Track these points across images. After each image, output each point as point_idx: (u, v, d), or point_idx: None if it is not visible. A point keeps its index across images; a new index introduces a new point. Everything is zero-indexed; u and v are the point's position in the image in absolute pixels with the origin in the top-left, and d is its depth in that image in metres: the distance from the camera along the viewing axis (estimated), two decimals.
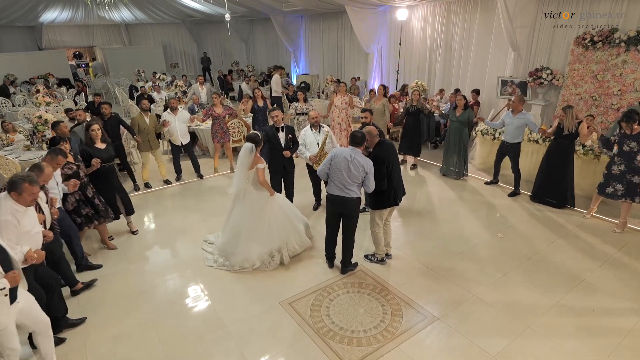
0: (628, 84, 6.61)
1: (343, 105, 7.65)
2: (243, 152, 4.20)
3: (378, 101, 7.73)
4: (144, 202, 6.22)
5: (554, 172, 5.61)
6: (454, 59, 9.59)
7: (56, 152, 3.77)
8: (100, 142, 4.74)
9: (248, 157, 4.19)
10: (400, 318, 3.61)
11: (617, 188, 4.91)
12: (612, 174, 4.93)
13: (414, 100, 7.03)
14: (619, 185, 4.89)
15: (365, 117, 5.21)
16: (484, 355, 3.17)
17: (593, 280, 4.09)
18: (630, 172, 4.80)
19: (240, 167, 4.25)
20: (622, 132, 4.82)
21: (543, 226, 5.23)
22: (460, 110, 6.50)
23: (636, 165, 4.73)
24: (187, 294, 4.02)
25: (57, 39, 17.45)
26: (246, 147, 4.20)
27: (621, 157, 4.83)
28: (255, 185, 4.33)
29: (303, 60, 14.89)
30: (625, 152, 4.77)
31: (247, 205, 4.34)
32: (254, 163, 4.21)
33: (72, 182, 4.03)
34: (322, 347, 3.29)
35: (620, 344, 3.25)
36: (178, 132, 6.54)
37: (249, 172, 4.27)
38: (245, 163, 4.21)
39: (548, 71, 7.43)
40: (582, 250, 4.65)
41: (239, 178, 4.31)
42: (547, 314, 3.61)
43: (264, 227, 4.31)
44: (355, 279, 4.19)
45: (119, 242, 4.99)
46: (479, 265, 4.39)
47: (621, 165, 4.85)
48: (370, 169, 3.79)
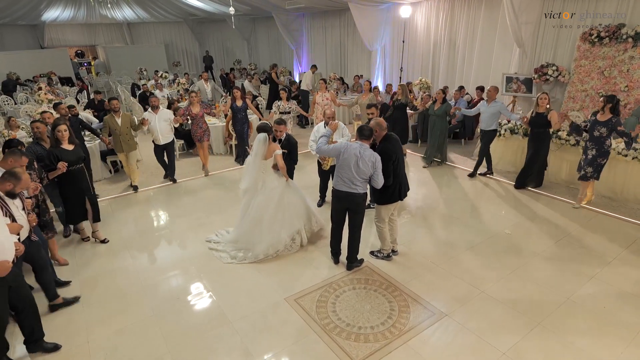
0: (635, 80, 6.53)
1: (325, 101, 7.93)
2: (257, 144, 4.25)
3: (365, 97, 7.92)
4: (142, 199, 6.19)
5: (531, 159, 6.05)
6: (458, 56, 9.53)
7: (16, 153, 3.49)
8: (67, 143, 4.38)
9: (262, 147, 4.25)
10: (408, 314, 3.55)
11: (587, 170, 5.30)
12: (587, 158, 5.29)
13: (399, 95, 7.27)
14: (590, 168, 5.27)
15: (372, 113, 5.16)
16: (494, 352, 3.11)
17: (603, 276, 4.02)
18: (600, 157, 5.19)
19: (254, 158, 4.30)
20: (593, 119, 5.17)
21: (549, 223, 5.16)
22: (439, 104, 6.95)
23: (605, 149, 5.13)
24: (190, 291, 3.97)
25: (59, 38, 17.44)
26: (259, 138, 4.24)
27: (592, 142, 5.19)
28: (272, 172, 4.41)
29: (306, 59, 14.82)
30: (595, 137, 5.13)
31: (267, 193, 4.36)
32: (270, 151, 4.27)
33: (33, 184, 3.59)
34: (328, 344, 3.23)
35: (633, 341, 3.19)
36: (159, 131, 6.29)
37: (265, 162, 4.31)
38: (259, 154, 4.26)
39: (554, 67, 7.35)
40: (589, 247, 4.58)
41: (252, 170, 4.34)
42: (557, 311, 3.54)
43: (285, 211, 4.40)
44: (361, 275, 4.13)
45: (120, 237, 4.95)
46: (486, 262, 4.33)
47: (593, 150, 5.21)
48: (379, 165, 3.74)
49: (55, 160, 4.23)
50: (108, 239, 4.87)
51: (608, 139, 5.07)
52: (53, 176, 4.23)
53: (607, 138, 5.06)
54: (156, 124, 6.29)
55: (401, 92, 7.21)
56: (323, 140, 4.00)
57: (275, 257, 4.44)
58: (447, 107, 6.89)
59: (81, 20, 16.53)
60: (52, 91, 10.87)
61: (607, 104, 4.97)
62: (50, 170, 4.22)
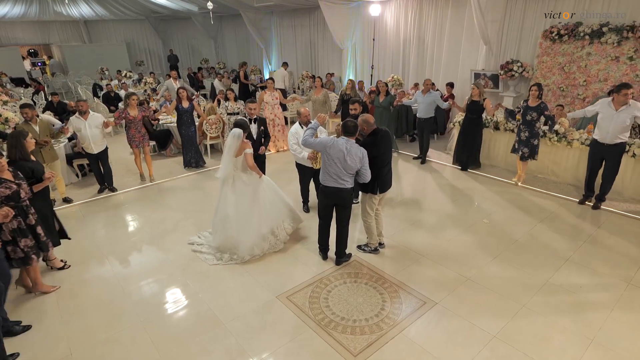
0: (592, 75, 6.98)
1: (274, 100, 7.85)
2: (230, 138, 4.18)
3: (318, 92, 8.09)
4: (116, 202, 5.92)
5: (467, 141, 6.78)
6: (427, 54, 9.78)
7: None
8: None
9: (235, 143, 4.17)
10: (400, 305, 3.60)
11: (524, 151, 5.91)
12: (520, 140, 5.93)
13: (347, 89, 7.57)
14: (526, 148, 5.87)
15: (355, 109, 5.18)
16: (486, 335, 3.22)
17: (576, 258, 4.26)
18: (532, 138, 5.81)
19: (227, 152, 4.22)
20: (525, 104, 5.79)
21: (524, 212, 5.41)
22: (383, 97, 7.37)
23: (536, 131, 5.79)
24: (177, 295, 3.83)
25: (8, 36, 16.30)
26: (233, 133, 4.17)
27: (525, 125, 5.82)
28: (244, 170, 4.33)
29: (275, 57, 14.70)
30: (528, 121, 5.76)
31: (239, 192, 4.29)
32: (241, 149, 4.20)
33: (3, 210, 3.15)
34: (325, 338, 3.22)
35: (609, 317, 3.40)
36: (90, 139, 5.68)
37: (237, 158, 4.23)
38: (232, 149, 4.18)
39: (518, 64, 7.71)
40: (561, 231, 4.85)
41: (226, 164, 4.25)
42: (539, 293, 3.73)
43: (261, 208, 4.33)
44: (351, 270, 4.15)
45: (93, 243, 4.71)
46: (469, 250, 4.48)
47: (526, 132, 5.83)
48: (366, 159, 3.77)
49: (30, 173, 3.76)
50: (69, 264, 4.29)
51: (538, 122, 5.72)
52: (40, 188, 3.75)
53: (537, 121, 5.71)
54: (87, 130, 5.65)
55: (350, 87, 7.52)
56: (309, 132, 3.98)
57: (262, 256, 4.37)
58: (391, 99, 7.35)
59: (33, 17, 15.51)
60: (6, 92, 10.17)
61: (539, 91, 5.63)
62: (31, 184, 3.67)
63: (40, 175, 3.84)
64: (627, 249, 4.42)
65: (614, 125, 4.96)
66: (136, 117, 6.19)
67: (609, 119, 4.99)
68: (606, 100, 5.11)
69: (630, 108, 4.86)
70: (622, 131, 4.97)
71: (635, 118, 4.88)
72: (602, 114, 5.09)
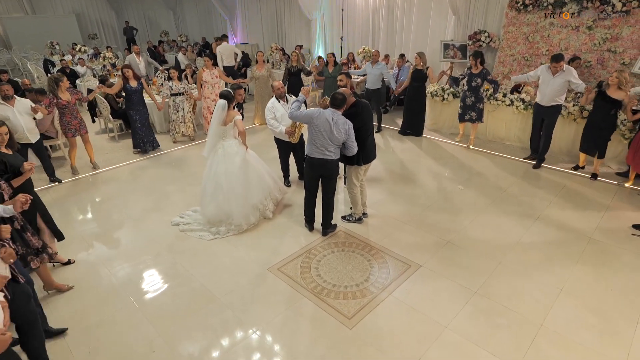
0: (554, 44, 7.28)
1: (214, 79, 7.34)
2: (217, 110, 4.23)
3: (260, 68, 7.91)
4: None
5: (412, 109, 7.30)
6: (396, 24, 9.79)
7: None
8: (4, 147, 3.41)
9: (222, 113, 4.24)
10: (388, 269, 3.78)
11: (472, 115, 6.48)
12: (466, 105, 6.45)
13: (293, 61, 7.67)
14: (473, 112, 6.45)
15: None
16: (468, 291, 3.47)
17: (544, 217, 4.61)
18: (478, 102, 6.38)
19: (214, 123, 4.29)
20: (469, 72, 6.25)
21: (495, 177, 5.72)
22: (332, 67, 7.66)
23: (480, 95, 6.37)
24: (167, 273, 3.81)
25: None
26: (219, 104, 4.21)
27: (471, 91, 6.35)
28: (232, 138, 4.40)
29: (240, 30, 14.19)
30: (473, 87, 6.29)
31: (229, 161, 4.33)
32: (229, 117, 4.26)
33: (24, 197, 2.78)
34: (320, 305, 3.35)
35: (575, 269, 3.75)
36: (24, 127, 4.96)
37: (225, 128, 4.30)
38: (219, 120, 4.24)
39: (486, 34, 7.91)
40: (531, 194, 5.19)
41: (212, 136, 4.33)
42: (513, 251, 4.02)
43: (252, 177, 4.44)
44: (337, 239, 4.28)
45: (71, 227, 4.54)
46: (447, 215, 4.71)
47: (472, 97, 6.38)
48: (352, 131, 3.82)
49: (3, 167, 3.29)
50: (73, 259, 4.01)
51: (482, 87, 6.30)
52: (20, 182, 3.31)
53: (481, 86, 6.28)
54: (17, 118, 4.91)
55: (296, 59, 7.63)
56: (296, 105, 3.97)
57: (247, 230, 4.41)
58: (339, 69, 7.50)
59: None
60: None
61: (476, 59, 6.14)
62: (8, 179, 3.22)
63: (18, 167, 3.35)
64: (586, 206, 4.82)
65: (550, 89, 5.56)
66: (70, 101, 5.50)
67: (547, 83, 5.60)
68: (545, 66, 5.67)
69: (565, 73, 5.45)
70: (558, 94, 5.56)
71: (570, 83, 5.45)
72: (542, 78, 5.69)
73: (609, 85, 5.07)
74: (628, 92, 5.01)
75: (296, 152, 5.36)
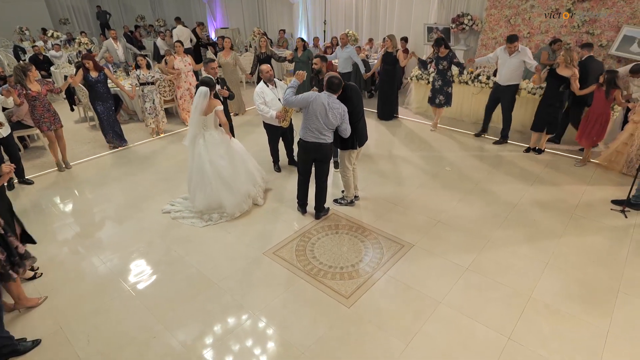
0: (535, 27, 7.42)
1: (188, 67, 7.12)
2: (197, 97, 4.05)
3: (226, 55, 7.62)
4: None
5: (385, 92, 7.29)
6: (380, 7, 9.74)
7: None
8: None
9: (202, 102, 4.06)
10: (381, 250, 3.87)
11: (440, 99, 6.52)
12: (435, 89, 6.52)
13: (262, 47, 7.47)
14: (442, 96, 6.50)
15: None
16: (459, 268, 3.59)
17: (526, 199, 4.77)
18: (445, 85, 6.43)
19: (194, 112, 4.11)
20: (436, 55, 6.28)
21: (474, 158, 5.86)
22: (301, 51, 7.48)
23: (448, 79, 6.41)
24: (163, 261, 3.79)
25: None
26: (200, 92, 4.04)
27: (438, 75, 6.42)
28: (215, 128, 4.28)
29: (220, 13, 13.83)
30: (440, 70, 6.35)
31: (212, 151, 4.22)
32: (210, 107, 4.12)
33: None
34: (317, 286, 3.41)
35: (559, 243, 3.92)
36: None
37: (206, 117, 4.15)
38: (199, 108, 4.07)
39: (469, 17, 7.97)
40: (513, 175, 5.35)
41: (193, 127, 4.16)
42: (500, 228, 4.17)
43: (239, 166, 4.38)
44: (330, 222, 4.33)
45: (56, 219, 4.44)
46: (436, 196, 4.82)
47: (439, 81, 6.43)
48: (346, 115, 3.84)
49: None
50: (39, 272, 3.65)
51: (449, 71, 6.33)
52: (1, 184, 3.16)
53: (449, 70, 6.31)
54: None
55: (265, 45, 7.49)
56: (290, 91, 3.94)
57: (240, 217, 4.41)
58: (308, 53, 7.46)
59: None
60: None
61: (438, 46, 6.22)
62: None
63: None
64: (569, 182, 5.02)
65: (507, 69, 5.80)
66: (40, 92, 5.13)
67: (504, 63, 5.84)
68: (502, 48, 5.89)
69: (520, 54, 5.68)
70: (515, 74, 5.80)
71: (525, 63, 5.68)
72: (500, 59, 5.91)
73: (559, 64, 5.30)
74: (575, 69, 5.22)
75: (286, 137, 5.34)
